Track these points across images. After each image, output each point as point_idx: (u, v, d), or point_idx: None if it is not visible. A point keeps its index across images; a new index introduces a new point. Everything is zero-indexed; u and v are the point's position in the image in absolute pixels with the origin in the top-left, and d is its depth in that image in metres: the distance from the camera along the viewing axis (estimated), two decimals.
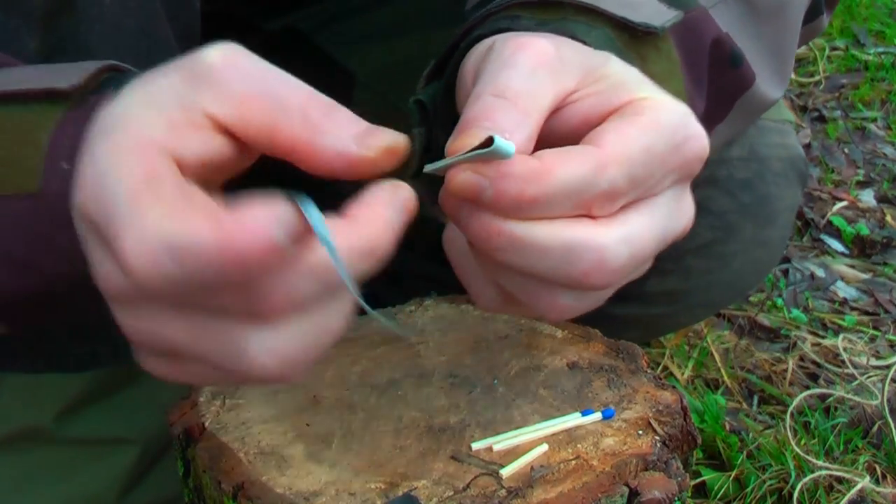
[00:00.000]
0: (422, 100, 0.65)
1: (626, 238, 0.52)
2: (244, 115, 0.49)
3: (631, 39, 0.63)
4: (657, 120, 0.53)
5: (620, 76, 0.56)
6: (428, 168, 0.55)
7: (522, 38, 0.57)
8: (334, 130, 0.49)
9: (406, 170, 0.54)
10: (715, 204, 1.00)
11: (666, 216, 0.54)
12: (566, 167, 0.51)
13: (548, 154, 0.52)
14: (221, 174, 0.51)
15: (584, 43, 0.60)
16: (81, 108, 0.54)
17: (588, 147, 0.52)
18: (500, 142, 0.50)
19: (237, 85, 0.49)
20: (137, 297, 0.48)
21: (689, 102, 0.68)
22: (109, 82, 0.55)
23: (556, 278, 0.52)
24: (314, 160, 0.49)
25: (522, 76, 0.55)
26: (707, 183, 0.99)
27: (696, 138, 0.54)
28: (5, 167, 0.54)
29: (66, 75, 0.55)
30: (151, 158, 0.47)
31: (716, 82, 0.71)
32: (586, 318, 0.76)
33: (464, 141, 0.52)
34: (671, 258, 1.01)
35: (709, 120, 0.72)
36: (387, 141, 0.50)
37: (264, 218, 0.44)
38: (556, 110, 0.56)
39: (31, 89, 0.54)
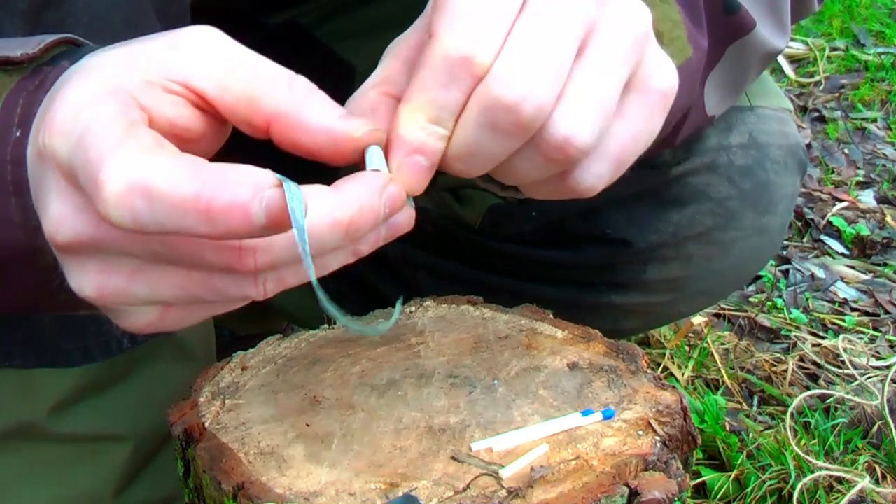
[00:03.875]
0: None
1: (513, 61, 0.51)
2: (225, 83, 0.49)
3: None
4: None
5: None
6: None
7: None
8: (318, 106, 0.50)
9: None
10: (715, 190, 1.00)
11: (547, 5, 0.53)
12: (419, 80, 0.52)
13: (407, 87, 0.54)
14: (185, 149, 0.51)
15: None
16: (35, 77, 0.54)
17: (424, 47, 0.53)
18: (371, 167, 0.52)
19: (221, 57, 0.49)
20: (95, 244, 0.48)
21: (691, 40, 0.69)
22: (65, 55, 0.56)
23: (499, 147, 0.53)
24: (297, 131, 0.49)
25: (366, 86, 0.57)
26: (707, 169, 1.00)
27: None
28: None
29: (22, 46, 0.55)
30: (127, 106, 0.47)
31: (709, 28, 0.71)
32: (588, 307, 0.76)
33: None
34: (672, 245, 1.01)
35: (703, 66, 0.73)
36: (366, 125, 0.51)
37: (246, 182, 0.44)
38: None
39: None
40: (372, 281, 1.11)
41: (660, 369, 1.40)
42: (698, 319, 1.48)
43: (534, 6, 0.53)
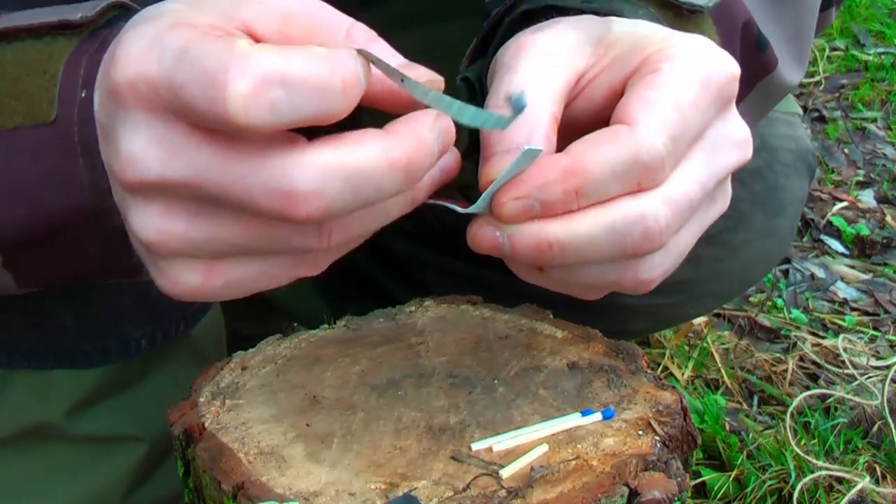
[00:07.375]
0: (469, 77, 0.65)
1: (666, 198, 0.53)
2: (285, 30, 0.49)
3: (675, 17, 0.64)
4: (676, 70, 0.54)
5: (629, 36, 0.56)
6: (472, 209, 0.56)
7: (521, 40, 0.57)
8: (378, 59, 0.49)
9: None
10: None
11: (709, 154, 0.55)
12: (598, 153, 0.52)
13: (576, 145, 0.53)
14: None
15: None
16: (94, 40, 0.54)
17: (618, 127, 0.53)
18: (528, 148, 0.52)
19: (281, 2, 0.50)
20: (163, 184, 0.47)
21: None
22: (119, 18, 0.56)
23: (611, 258, 0.54)
24: None
25: (525, 79, 0.55)
26: None
27: (719, 64, 0.55)
28: (18, 99, 0.54)
29: (79, 10, 0.55)
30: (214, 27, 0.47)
31: (742, 64, 0.72)
32: (596, 308, 0.76)
33: (490, 171, 0.54)
34: None
35: None
36: (428, 76, 0.51)
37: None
38: (578, 93, 0.57)
39: (45, 23, 0.55)
40: (379, 280, 1.10)
41: (660, 369, 1.40)
42: (698, 319, 1.48)
43: (714, 126, 0.55)
